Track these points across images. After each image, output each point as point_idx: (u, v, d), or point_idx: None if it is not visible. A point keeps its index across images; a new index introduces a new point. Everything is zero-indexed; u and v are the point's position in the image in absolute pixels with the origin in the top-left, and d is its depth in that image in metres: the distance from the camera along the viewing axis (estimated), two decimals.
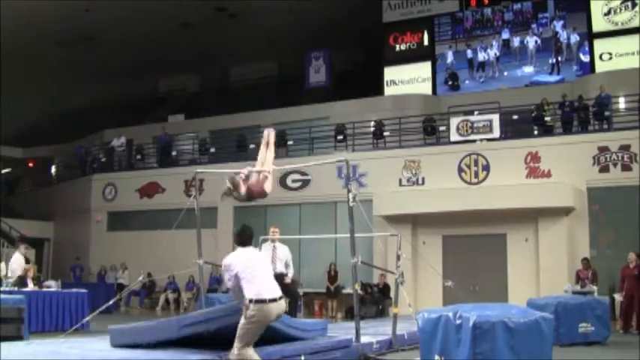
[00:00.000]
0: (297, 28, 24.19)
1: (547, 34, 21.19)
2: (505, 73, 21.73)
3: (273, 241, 9.88)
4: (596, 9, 20.43)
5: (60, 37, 24.11)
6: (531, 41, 21.26)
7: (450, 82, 22.30)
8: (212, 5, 23.10)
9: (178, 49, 25.52)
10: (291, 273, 9.94)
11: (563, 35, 20.86)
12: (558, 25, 20.96)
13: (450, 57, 22.33)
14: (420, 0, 22.97)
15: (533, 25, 21.38)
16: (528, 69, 21.40)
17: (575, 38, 20.65)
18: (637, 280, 12.23)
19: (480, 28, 22.29)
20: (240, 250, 6.04)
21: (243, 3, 22.63)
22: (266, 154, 7.82)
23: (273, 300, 5.68)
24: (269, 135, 7.93)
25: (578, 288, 13.52)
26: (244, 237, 6.09)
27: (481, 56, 21.97)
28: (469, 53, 22.15)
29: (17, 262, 13.13)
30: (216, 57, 26.75)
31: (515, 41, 21.59)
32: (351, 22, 23.26)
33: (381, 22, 23.35)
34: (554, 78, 20.82)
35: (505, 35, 21.79)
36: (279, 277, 9.61)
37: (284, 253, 9.91)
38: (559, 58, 20.88)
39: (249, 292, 5.64)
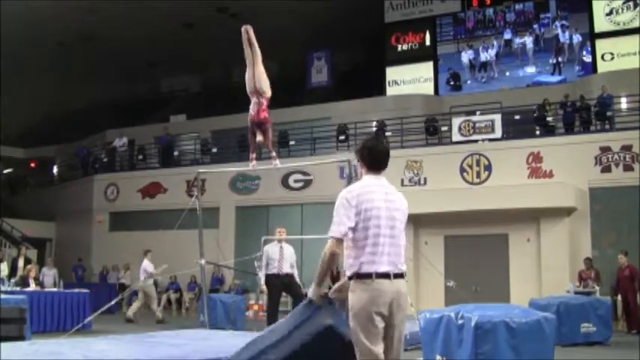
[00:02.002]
0: (298, 28, 24.18)
1: (549, 34, 21.18)
2: (507, 74, 21.72)
3: (279, 241, 9.89)
4: (598, 9, 20.43)
5: (61, 37, 24.13)
6: (529, 41, 21.25)
7: (452, 83, 22.29)
8: (214, 5, 23.10)
9: (180, 49, 25.53)
10: (295, 274, 9.96)
11: (564, 36, 20.84)
12: (559, 25, 20.95)
13: (465, 57, 22.21)
14: (421, 0, 22.97)
15: (535, 26, 21.37)
16: (530, 69, 21.39)
17: (577, 38, 20.63)
18: (630, 281, 12.23)
19: (481, 28, 22.27)
20: (368, 179, 3.59)
21: (245, 3, 22.63)
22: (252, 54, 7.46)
23: (385, 275, 3.40)
24: (247, 31, 7.52)
25: (580, 288, 13.50)
26: (377, 154, 3.61)
27: (483, 56, 21.97)
28: (471, 53, 22.13)
29: (149, 268, 14.39)
30: (217, 57, 26.74)
31: (517, 41, 21.58)
32: (353, 23, 23.25)
33: (383, 23, 23.36)
34: (555, 78, 20.82)
35: (507, 35, 21.79)
36: (288, 278, 9.65)
37: (291, 254, 9.92)
38: (560, 59, 20.87)
39: (351, 262, 3.45)
